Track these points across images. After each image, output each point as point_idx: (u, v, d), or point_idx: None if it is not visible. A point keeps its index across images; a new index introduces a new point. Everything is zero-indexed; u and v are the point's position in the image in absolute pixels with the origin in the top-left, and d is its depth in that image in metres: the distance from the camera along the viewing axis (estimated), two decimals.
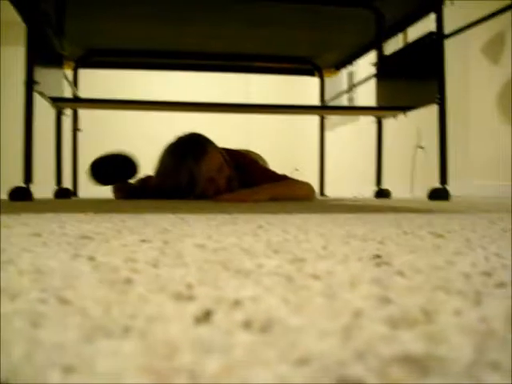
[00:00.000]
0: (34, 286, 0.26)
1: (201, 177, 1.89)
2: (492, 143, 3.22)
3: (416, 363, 0.15)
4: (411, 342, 0.17)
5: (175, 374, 0.14)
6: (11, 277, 0.28)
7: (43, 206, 1.32)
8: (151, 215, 0.87)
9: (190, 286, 0.26)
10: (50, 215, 0.87)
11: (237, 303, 0.22)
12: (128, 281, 0.27)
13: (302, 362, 0.15)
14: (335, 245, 0.42)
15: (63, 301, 0.23)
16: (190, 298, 0.23)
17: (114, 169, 2.12)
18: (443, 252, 0.39)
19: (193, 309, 0.21)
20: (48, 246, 0.42)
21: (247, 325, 0.19)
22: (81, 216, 0.85)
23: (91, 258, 0.35)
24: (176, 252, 0.37)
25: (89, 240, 0.45)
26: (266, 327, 0.18)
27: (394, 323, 0.19)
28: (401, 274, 0.29)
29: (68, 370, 0.15)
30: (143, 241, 0.44)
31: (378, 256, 0.36)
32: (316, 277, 0.28)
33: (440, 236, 0.52)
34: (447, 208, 1.37)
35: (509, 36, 3.16)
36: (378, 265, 0.33)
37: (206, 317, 0.20)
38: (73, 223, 0.67)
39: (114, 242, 0.44)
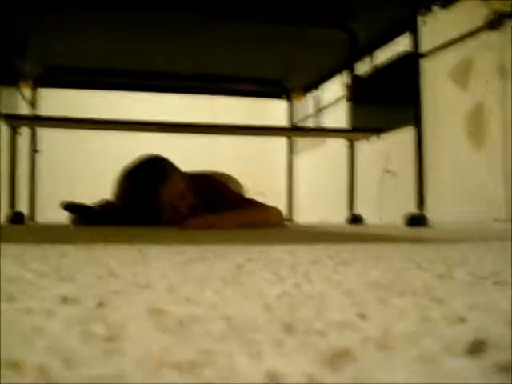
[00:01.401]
0: None
1: (162, 204, 1.74)
2: (460, 169, 3.15)
3: None
4: None
5: None
6: None
7: None
8: (102, 247, 0.72)
9: None
10: None
11: None
12: None
13: None
14: (368, 306, 0.27)
15: None
16: None
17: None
18: None
19: None
20: None
21: None
22: (16, 247, 0.69)
23: None
24: (110, 329, 0.22)
25: None
26: None
27: None
28: None
29: None
30: (64, 299, 0.28)
31: (456, 324, 0.22)
32: None
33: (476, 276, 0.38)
34: (435, 237, 1.24)
35: (477, 61, 3.10)
36: (472, 352, 0.18)
37: None
38: None
39: (18, 304, 0.28)
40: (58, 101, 3.89)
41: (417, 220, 2.13)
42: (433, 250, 0.72)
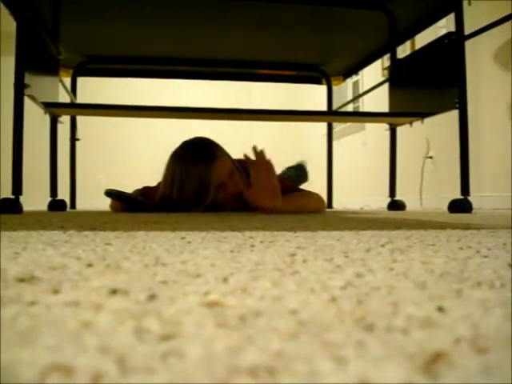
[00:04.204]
0: None
1: (212, 182, 1.74)
2: (504, 153, 3.06)
3: None
4: None
5: None
6: None
7: (24, 220, 1.15)
8: (145, 233, 0.71)
9: None
10: (20, 233, 0.70)
11: None
12: None
13: None
14: (445, 299, 0.25)
15: None
16: None
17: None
18: None
19: None
20: None
21: None
22: (57, 235, 0.68)
23: None
24: (165, 325, 0.20)
25: (31, 285, 0.28)
26: None
27: None
28: None
29: None
30: (113, 291, 0.26)
31: None
32: None
33: None
34: (484, 222, 1.20)
35: None
36: None
37: None
38: (37, 247, 0.50)
39: (67, 293, 0.27)
40: (92, 90, 3.93)
41: (461, 206, 2.07)
42: (487, 236, 0.68)
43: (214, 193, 1.76)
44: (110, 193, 1.92)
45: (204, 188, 1.75)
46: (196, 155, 1.77)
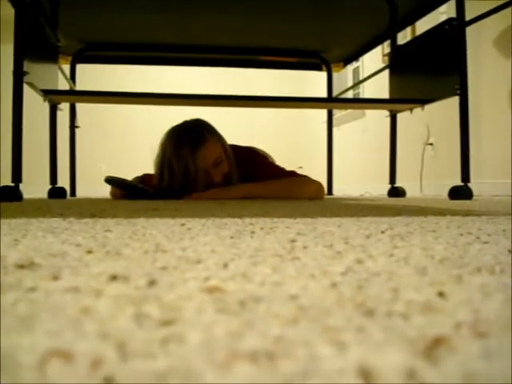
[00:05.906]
0: None
1: (197, 168, 1.72)
2: (504, 140, 3.06)
3: None
4: None
5: None
6: None
7: (23, 208, 1.15)
8: (145, 220, 0.71)
9: None
10: (20, 220, 0.70)
11: None
12: None
13: None
14: (446, 284, 0.25)
15: None
16: None
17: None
18: None
19: None
20: None
21: None
22: (57, 222, 0.68)
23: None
24: (165, 309, 0.20)
25: (31, 271, 0.28)
26: None
27: None
28: None
29: None
30: (113, 277, 0.26)
31: None
32: None
33: None
34: (485, 209, 1.19)
35: None
36: None
37: None
38: (36, 234, 0.50)
39: (66, 280, 0.27)
40: (91, 77, 3.92)
41: (461, 192, 2.07)
42: (488, 223, 0.68)
43: (203, 179, 1.75)
44: (109, 180, 1.91)
45: (188, 173, 1.74)
46: (185, 137, 1.76)
